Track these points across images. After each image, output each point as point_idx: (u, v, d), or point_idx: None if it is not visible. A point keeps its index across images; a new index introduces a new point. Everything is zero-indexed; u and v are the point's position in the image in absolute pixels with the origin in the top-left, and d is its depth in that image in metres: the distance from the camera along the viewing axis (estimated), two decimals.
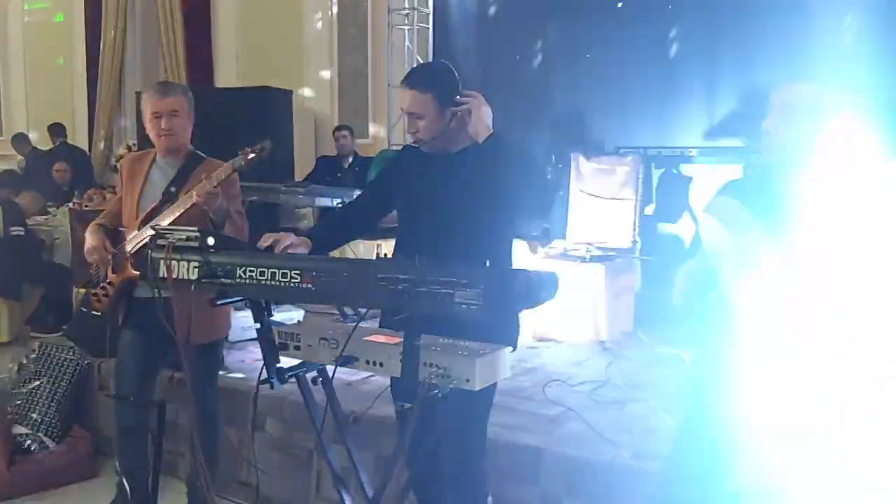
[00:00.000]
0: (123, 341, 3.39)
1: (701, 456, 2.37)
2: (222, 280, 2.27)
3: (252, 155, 3.07)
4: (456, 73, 2.71)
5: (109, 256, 3.27)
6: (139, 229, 3.21)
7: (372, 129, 9.07)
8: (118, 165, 3.83)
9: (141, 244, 3.14)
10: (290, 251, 2.50)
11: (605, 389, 4.42)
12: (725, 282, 2.24)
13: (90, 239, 3.28)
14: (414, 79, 2.69)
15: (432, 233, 2.64)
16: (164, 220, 3.11)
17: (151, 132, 3.28)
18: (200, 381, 3.22)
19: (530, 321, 5.15)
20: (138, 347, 3.35)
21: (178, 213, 3.10)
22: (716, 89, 6.51)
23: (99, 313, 3.37)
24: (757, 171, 2.19)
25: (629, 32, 7.08)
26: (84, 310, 3.43)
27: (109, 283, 3.32)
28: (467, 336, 2.22)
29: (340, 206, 6.04)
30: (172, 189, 3.21)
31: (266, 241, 2.50)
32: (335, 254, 3.26)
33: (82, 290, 3.57)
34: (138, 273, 3.01)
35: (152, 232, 2.86)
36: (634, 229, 5.95)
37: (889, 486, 1.96)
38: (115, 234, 3.33)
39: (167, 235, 2.38)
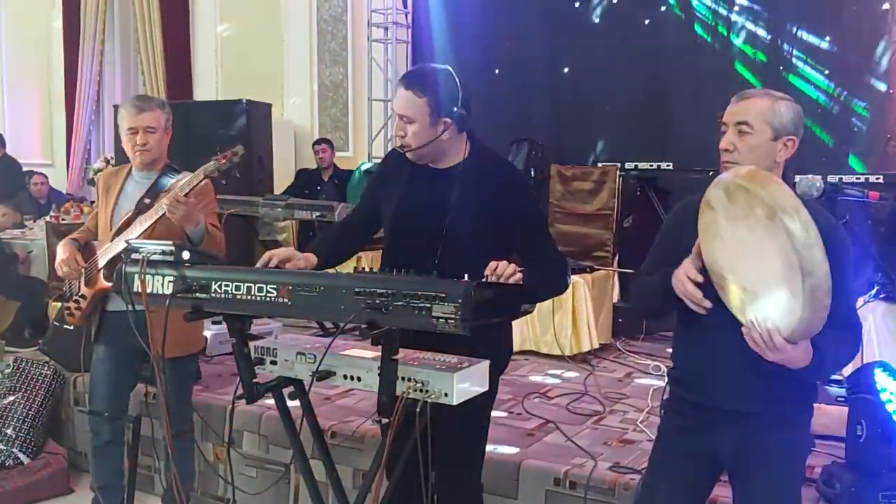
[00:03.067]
0: (97, 355, 3.37)
1: None
2: (197, 295, 2.25)
3: (224, 161, 3.02)
4: (458, 83, 2.50)
5: (81, 269, 3.25)
6: (112, 241, 3.19)
7: (352, 142, 9.07)
8: (95, 179, 3.79)
9: (112, 255, 3.13)
10: (292, 267, 2.44)
11: (583, 401, 4.43)
12: None
13: (61, 252, 3.25)
14: (411, 79, 2.53)
15: (419, 250, 2.51)
16: (134, 231, 3.08)
17: (127, 147, 3.26)
18: (174, 396, 3.20)
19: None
20: (111, 362, 3.33)
21: (147, 224, 3.08)
22: (698, 105, 6.54)
23: (72, 327, 3.34)
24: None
25: (607, 47, 7.14)
26: (57, 324, 3.40)
27: (82, 297, 3.29)
28: (455, 349, 2.18)
29: (320, 218, 6.03)
30: (146, 200, 3.19)
31: (268, 258, 2.43)
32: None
33: (57, 304, 3.54)
34: (111, 284, 3.04)
35: (124, 243, 2.85)
36: (613, 242, 5.98)
37: None
38: (86, 248, 3.31)
39: (141, 249, 2.36)
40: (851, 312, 2.12)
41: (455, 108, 2.48)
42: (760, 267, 1.91)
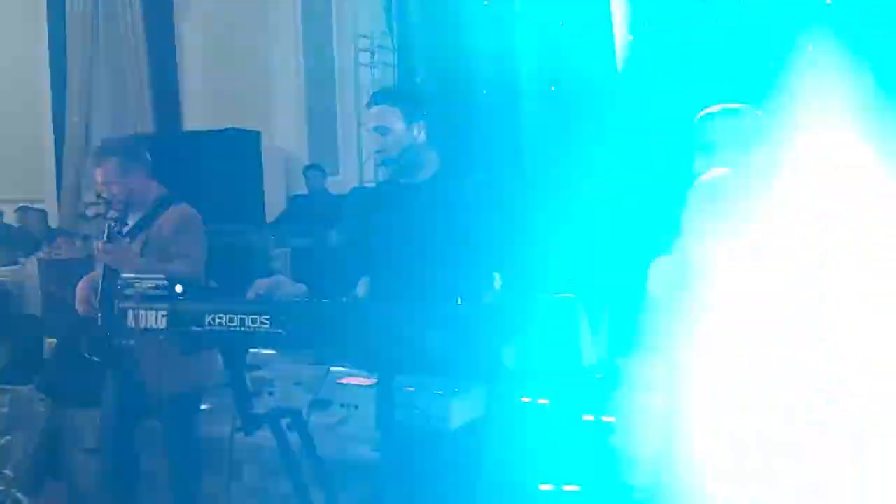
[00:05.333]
0: (105, 391, 3.39)
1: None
2: (191, 328, 2.24)
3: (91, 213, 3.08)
4: (420, 93, 2.70)
5: (98, 307, 3.23)
6: None
7: (342, 166, 9.08)
8: (88, 213, 3.79)
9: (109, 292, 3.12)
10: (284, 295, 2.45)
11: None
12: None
13: (78, 292, 3.27)
14: (379, 95, 2.68)
15: (405, 270, 2.55)
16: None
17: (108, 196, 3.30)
18: (175, 432, 3.20)
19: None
20: (118, 397, 3.35)
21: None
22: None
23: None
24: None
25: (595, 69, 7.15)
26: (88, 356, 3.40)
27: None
28: (451, 372, 2.18)
29: (312, 245, 6.03)
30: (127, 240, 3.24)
31: (259, 288, 2.43)
32: None
33: (53, 341, 3.52)
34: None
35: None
36: None
37: None
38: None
39: (135, 284, 2.36)
40: None
41: (425, 112, 2.63)
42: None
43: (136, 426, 3.46)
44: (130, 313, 2.33)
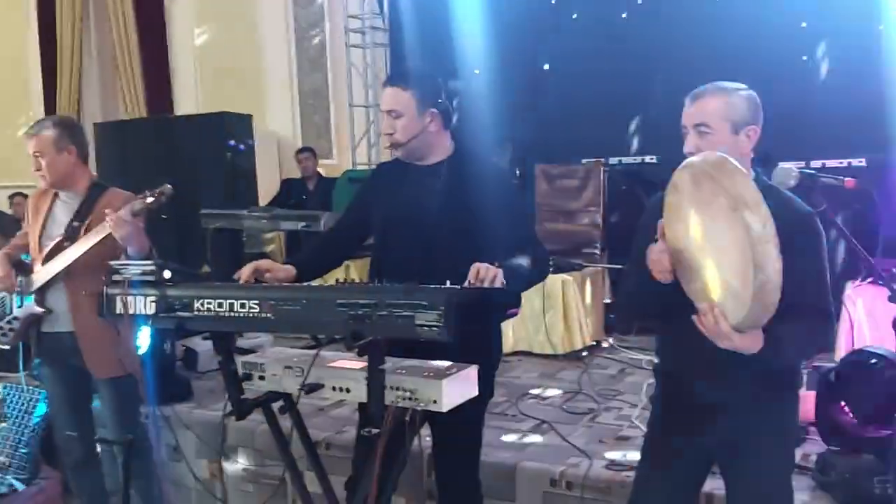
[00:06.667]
0: (45, 378, 3.41)
1: None
2: (180, 313, 2.23)
3: (150, 199, 2.98)
4: (438, 78, 2.66)
5: (16, 287, 3.22)
6: (43, 265, 3.16)
7: (335, 149, 9.04)
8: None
9: (44, 282, 3.14)
10: (271, 280, 2.45)
11: (577, 400, 4.43)
12: None
13: None
14: (395, 76, 2.67)
15: (410, 251, 2.56)
16: (73, 253, 3.07)
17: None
18: (116, 416, 3.26)
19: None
20: (61, 383, 3.36)
21: (88, 244, 3.05)
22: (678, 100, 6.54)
23: (8, 347, 3.33)
24: None
25: (586, 42, 7.12)
26: None
27: (15, 318, 3.28)
28: (443, 355, 2.18)
29: (305, 229, 6.01)
30: (75, 224, 3.17)
31: (245, 273, 2.42)
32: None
33: None
34: (44, 309, 3.16)
35: (57, 268, 3.04)
36: (601, 239, 5.97)
37: None
38: (21, 265, 3.27)
39: (122, 270, 2.34)
40: (822, 299, 2.11)
41: (439, 100, 2.57)
42: (717, 254, 1.94)
43: None
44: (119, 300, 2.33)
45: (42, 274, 3.17)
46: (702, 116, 2.15)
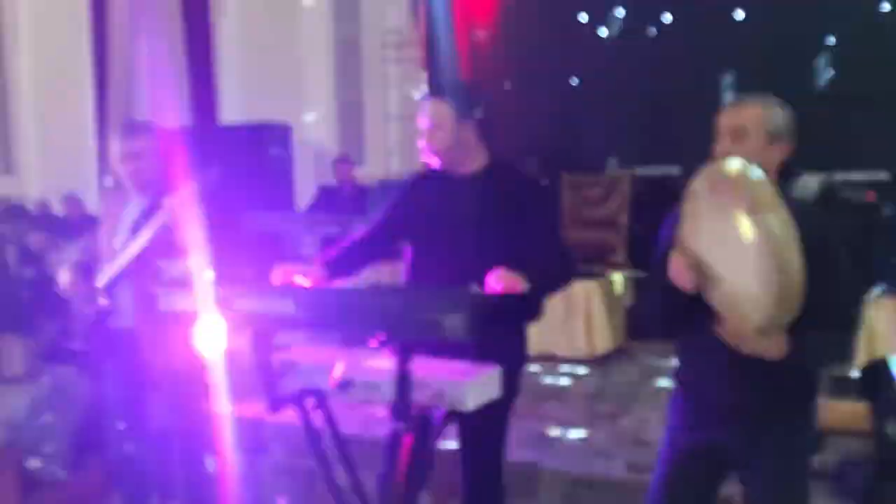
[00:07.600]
0: (99, 371, 3.48)
1: None
2: (220, 311, 2.37)
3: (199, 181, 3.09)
4: (473, 90, 2.80)
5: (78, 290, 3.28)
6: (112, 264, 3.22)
7: (370, 158, 9.21)
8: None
9: (111, 276, 3.18)
10: (303, 282, 2.58)
11: (599, 403, 4.52)
12: None
13: (63, 275, 3.31)
14: (433, 90, 2.76)
15: (444, 256, 2.65)
16: (133, 249, 3.11)
17: (122, 173, 3.31)
18: (174, 412, 3.31)
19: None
20: (114, 375, 3.41)
21: (143, 242, 3.09)
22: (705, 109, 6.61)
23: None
24: None
25: (613, 57, 7.23)
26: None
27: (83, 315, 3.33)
28: (470, 356, 2.25)
29: (340, 234, 6.15)
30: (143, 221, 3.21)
31: (280, 275, 2.59)
32: None
33: None
34: (106, 303, 3.18)
35: (121, 265, 3.06)
36: (624, 246, 6.06)
37: None
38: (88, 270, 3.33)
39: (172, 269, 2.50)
40: (849, 310, 2.15)
41: (475, 112, 2.71)
42: (737, 259, 1.95)
43: None
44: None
45: (108, 271, 3.22)
46: (741, 120, 2.16)
